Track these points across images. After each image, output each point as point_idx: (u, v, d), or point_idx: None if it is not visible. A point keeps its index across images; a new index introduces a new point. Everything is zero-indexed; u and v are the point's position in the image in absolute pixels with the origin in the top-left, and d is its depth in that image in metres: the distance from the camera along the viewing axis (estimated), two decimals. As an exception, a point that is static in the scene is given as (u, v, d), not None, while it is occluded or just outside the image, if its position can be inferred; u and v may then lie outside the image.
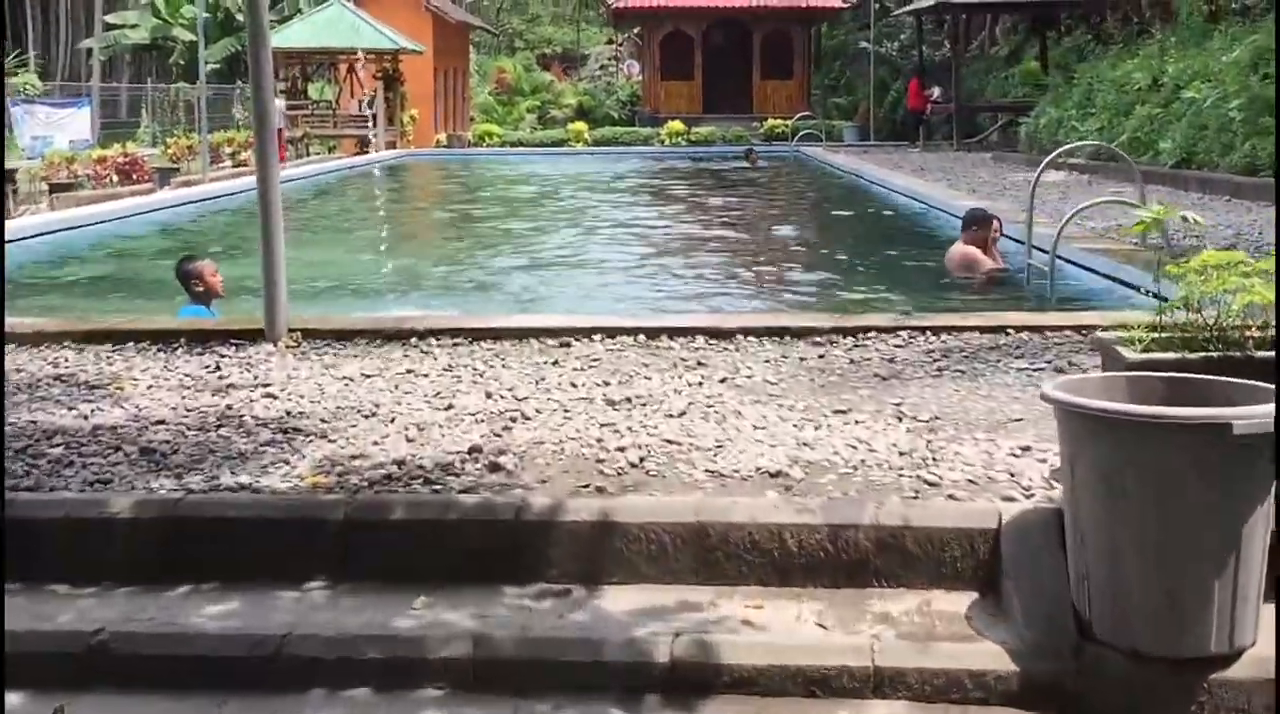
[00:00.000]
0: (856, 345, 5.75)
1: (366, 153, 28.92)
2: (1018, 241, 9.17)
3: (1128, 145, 16.02)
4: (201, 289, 7.35)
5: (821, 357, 5.55)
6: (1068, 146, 9.65)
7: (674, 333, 6.02)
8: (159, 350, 5.88)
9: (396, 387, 5.10)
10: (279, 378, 5.28)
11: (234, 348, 5.90)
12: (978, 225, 9.16)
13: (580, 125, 33.44)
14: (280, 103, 28.78)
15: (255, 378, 5.31)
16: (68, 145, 22.44)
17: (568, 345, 5.86)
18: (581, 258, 11.81)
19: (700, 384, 5.04)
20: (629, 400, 4.76)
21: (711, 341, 5.90)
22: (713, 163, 27.19)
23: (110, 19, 37.68)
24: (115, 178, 18.86)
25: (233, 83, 35.11)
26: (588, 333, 6.04)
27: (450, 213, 17.22)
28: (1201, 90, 14.36)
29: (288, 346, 5.93)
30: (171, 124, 30.26)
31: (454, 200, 19.66)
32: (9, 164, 18.19)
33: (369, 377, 5.29)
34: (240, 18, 35.73)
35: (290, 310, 6.11)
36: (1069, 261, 8.66)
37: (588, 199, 18.68)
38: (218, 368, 5.52)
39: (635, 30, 44.21)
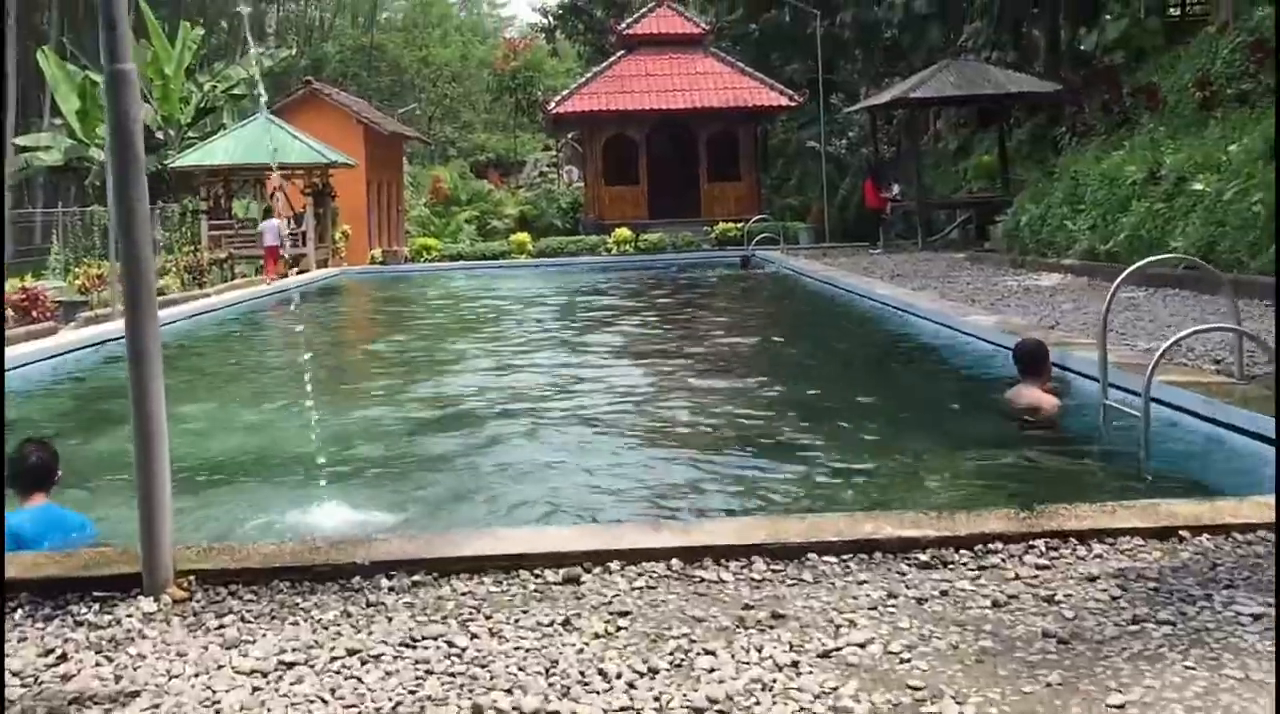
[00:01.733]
0: (983, 568, 4.10)
1: (291, 274, 27.15)
2: (1085, 376, 7.65)
3: (1127, 243, 14.83)
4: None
5: (945, 594, 3.88)
6: (1151, 259, 8.19)
7: (720, 555, 4.33)
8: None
9: (333, 692, 3.33)
10: (153, 675, 3.48)
11: (94, 608, 4.09)
12: (1038, 364, 7.66)
13: (523, 236, 32.03)
14: (276, 221, 26.97)
15: (117, 678, 3.50)
16: (-33, 278, 20.47)
17: (577, 582, 4.15)
18: (545, 415, 9.22)
19: (794, 665, 3.34)
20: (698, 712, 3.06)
21: (774, 566, 4.23)
22: (668, 272, 25.81)
23: (22, 141, 35.90)
24: (11, 316, 16.89)
25: (152, 203, 33.33)
26: (601, 560, 4.33)
27: (386, 349, 15.18)
28: (1211, 182, 13.19)
29: (174, 601, 4.14)
30: (86, 250, 28.21)
31: (390, 329, 17.72)
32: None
33: (290, 666, 3.51)
34: (159, 134, 34.16)
35: (176, 524, 4.35)
36: (1154, 400, 7.12)
37: (544, 327, 17.06)
38: (62, 657, 3.69)
39: (573, 135, 43.32)
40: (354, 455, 7.89)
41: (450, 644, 3.62)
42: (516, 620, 3.80)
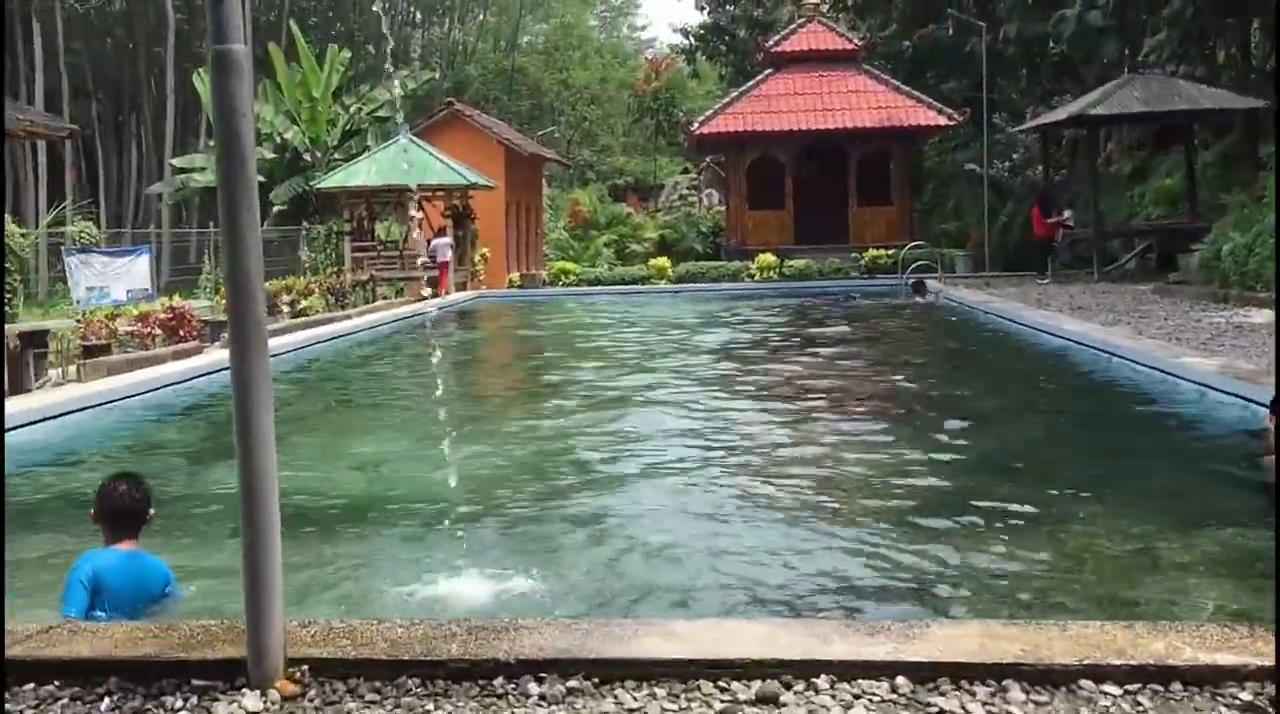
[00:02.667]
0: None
1: (435, 296, 26.75)
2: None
3: (1359, 277, 13.05)
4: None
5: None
6: None
7: (960, 675, 3.24)
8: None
9: None
10: None
11: (191, 701, 3.21)
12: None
13: (663, 261, 31.12)
14: (448, 237, 27.14)
15: None
16: (125, 297, 20.49)
17: (775, 703, 3.10)
18: (698, 466, 8.02)
19: None
20: None
21: (1037, 697, 3.14)
22: (823, 300, 24.54)
23: (178, 162, 36.67)
24: (159, 336, 16.65)
25: (298, 223, 33.57)
26: (805, 672, 3.27)
27: (526, 380, 14.32)
28: None
29: (283, 698, 3.23)
30: (232, 270, 28.22)
31: (531, 359, 16.89)
32: (54, 322, 16.14)
33: None
34: (306, 157, 34.44)
35: (286, 581, 3.47)
36: None
37: (693, 361, 16.03)
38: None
39: (713, 158, 42.35)
40: (490, 501, 6.95)
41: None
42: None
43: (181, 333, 16.94)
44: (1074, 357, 12.74)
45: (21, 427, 9.48)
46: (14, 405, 10.13)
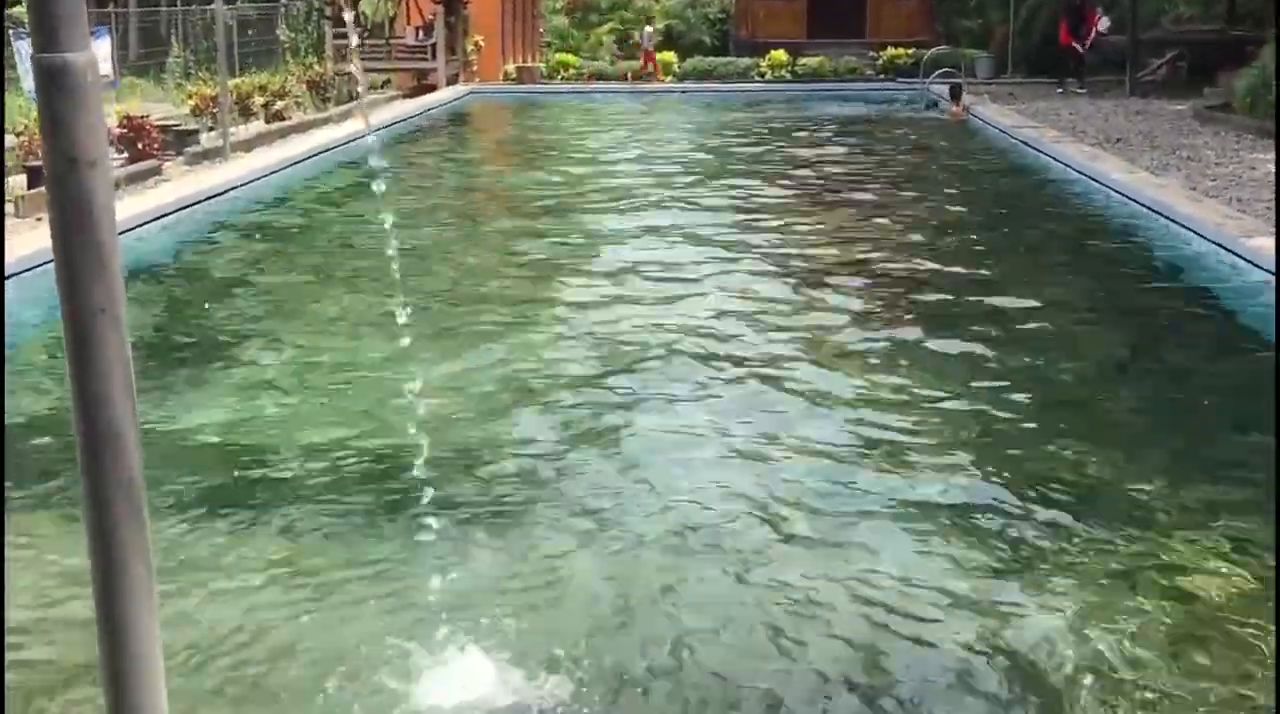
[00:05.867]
0: None
1: (423, 91, 25.04)
2: None
3: None
4: None
5: None
6: None
7: None
8: None
9: None
10: None
11: None
12: None
13: (668, 55, 29.17)
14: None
15: None
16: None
17: None
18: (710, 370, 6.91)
19: None
20: None
21: None
22: (834, 109, 22.96)
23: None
24: (116, 152, 15.20)
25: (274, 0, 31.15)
26: None
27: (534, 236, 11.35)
28: None
29: None
30: (207, 58, 26.04)
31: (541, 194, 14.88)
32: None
33: None
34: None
35: (167, 636, 2.48)
36: None
37: (730, 181, 14.69)
38: None
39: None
40: (476, 475, 5.51)
41: None
42: None
43: (141, 146, 15.51)
44: (1119, 217, 11.53)
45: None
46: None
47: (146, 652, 1.82)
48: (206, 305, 8.78)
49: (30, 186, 12.48)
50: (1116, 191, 12.20)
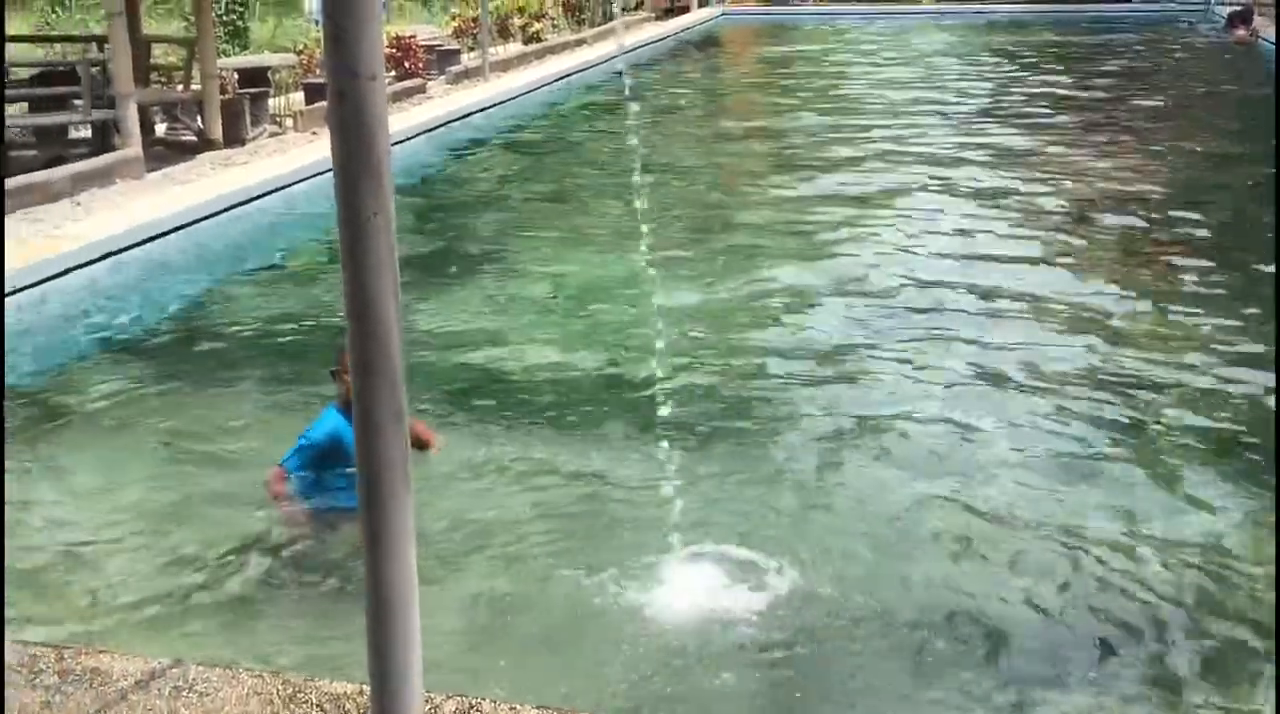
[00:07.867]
0: None
1: (676, 13, 24.99)
2: None
3: None
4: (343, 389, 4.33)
5: None
6: None
7: None
8: None
9: None
10: None
11: None
12: None
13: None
14: None
15: None
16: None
17: None
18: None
19: None
20: None
21: None
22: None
23: None
24: (386, 70, 15.93)
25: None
26: None
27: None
28: None
29: None
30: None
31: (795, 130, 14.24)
32: (277, 57, 15.59)
33: None
34: None
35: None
36: None
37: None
38: None
39: None
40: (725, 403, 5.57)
41: None
42: None
43: (407, 66, 16.22)
44: None
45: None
46: (200, 187, 9.57)
47: (400, 524, 2.01)
48: (464, 218, 9.22)
49: (308, 103, 13.31)
50: None
